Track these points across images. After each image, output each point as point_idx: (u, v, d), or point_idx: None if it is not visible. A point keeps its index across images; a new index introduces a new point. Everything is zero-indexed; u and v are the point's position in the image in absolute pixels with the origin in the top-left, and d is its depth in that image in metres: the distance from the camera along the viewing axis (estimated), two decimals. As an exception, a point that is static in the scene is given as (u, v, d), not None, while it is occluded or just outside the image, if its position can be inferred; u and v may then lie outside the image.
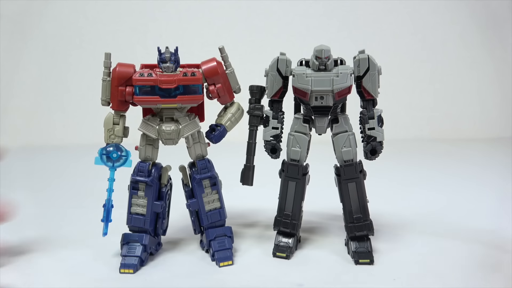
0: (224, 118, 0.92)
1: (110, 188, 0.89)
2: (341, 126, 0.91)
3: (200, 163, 0.91)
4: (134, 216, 0.90)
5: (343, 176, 0.91)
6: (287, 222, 0.93)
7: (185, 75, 0.85)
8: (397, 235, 1.02)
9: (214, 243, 0.90)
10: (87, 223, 1.09)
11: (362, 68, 0.88)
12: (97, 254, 0.94)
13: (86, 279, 0.84)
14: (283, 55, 0.91)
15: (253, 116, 0.93)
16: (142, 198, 0.90)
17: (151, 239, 0.90)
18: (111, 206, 0.90)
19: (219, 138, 0.92)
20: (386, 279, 0.83)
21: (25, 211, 1.23)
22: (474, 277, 0.83)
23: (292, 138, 0.92)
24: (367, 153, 0.90)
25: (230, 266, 0.88)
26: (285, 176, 0.93)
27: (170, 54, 0.84)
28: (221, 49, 0.90)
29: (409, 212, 1.17)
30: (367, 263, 0.88)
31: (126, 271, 0.86)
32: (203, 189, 0.91)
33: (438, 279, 0.83)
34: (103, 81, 0.88)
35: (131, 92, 0.86)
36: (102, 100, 0.89)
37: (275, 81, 0.91)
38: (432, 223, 1.10)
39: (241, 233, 1.04)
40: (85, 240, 1.01)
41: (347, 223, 0.92)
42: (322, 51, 0.85)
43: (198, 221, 0.94)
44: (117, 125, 0.89)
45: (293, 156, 0.92)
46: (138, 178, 0.89)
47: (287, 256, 0.91)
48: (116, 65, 0.87)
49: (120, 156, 0.89)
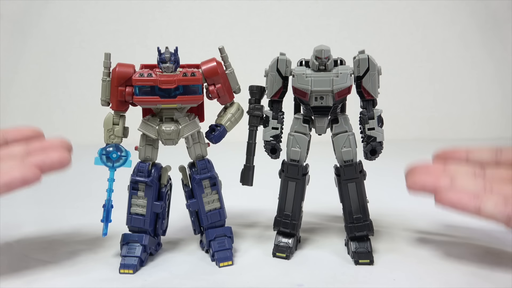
0: (224, 118, 0.92)
1: (110, 189, 0.89)
2: (341, 126, 0.91)
3: (200, 163, 0.91)
4: (133, 216, 0.90)
5: (343, 176, 0.91)
6: (287, 222, 0.93)
7: (185, 75, 0.85)
8: (397, 236, 1.02)
9: (214, 243, 0.90)
10: (86, 223, 1.09)
11: (362, 68, 0.88)
12: (97, 254, 0.94)
13: (86, 279, 0.84)
14: (283, 55, 0.91)
15: (253, 116, 0.93)
16: (142, 198, 0.90)
17: (151, 240, 0.90)
18: (111, 207, 0.89)
19: (219, 138, 0.92)
20: (386, 280, 0.83)
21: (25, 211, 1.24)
22: (474, 277, 0.83)
23: (292, 138, 0.92)
24: (367, 153, 0.90)
25: (230, 267, 0.88)
26: (285, 176, 0.93)
27: (170, 54, 0.84)
28: (221, 49, 0.90)
29: (409, 212, 1.17)
30: (367, 264, 0.88)
31: (125, 272, 0.86)
32: (203, 189, 0.91)
33: (438, 279, 0.83)
34: (103, 81, 0.88)
35: (131, 92, 0.86)
36: (102, 100, 0.89)
37: (275, 81, 0.91)
38: (432, 223, 1.09)
39: (241, 233, 1.04)
40: (85, 240, 1.01)
41: (347, 223, 0.92)
42: (322, 51, 0.85)
43: (198, 221, 0.94)
44: (116, 125, 0.89)
45: (293, 156, 0.92)
46: (138, 178, 0.89)
47: (287, 256, 0.91)
48: (115, 65, 0.87)
49: (120, 156, 0.89)
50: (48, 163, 0.82)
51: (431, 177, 0.86)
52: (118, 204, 0.92)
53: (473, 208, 0.79)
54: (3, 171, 0.79)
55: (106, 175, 0.90)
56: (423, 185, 0.85)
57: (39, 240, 1.01)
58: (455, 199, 0.80)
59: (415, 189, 0.85)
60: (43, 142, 0.89)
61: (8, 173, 0.78)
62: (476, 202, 0.79)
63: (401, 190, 0.96)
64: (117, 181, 0.90)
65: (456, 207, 0.80)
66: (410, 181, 0.86)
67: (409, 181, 0.86)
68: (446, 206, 0.80)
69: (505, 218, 0.77)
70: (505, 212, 0.77)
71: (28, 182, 0.78)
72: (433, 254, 0.93)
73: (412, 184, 0.85)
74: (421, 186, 0.85)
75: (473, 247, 0.96)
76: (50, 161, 0.82)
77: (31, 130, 0.92)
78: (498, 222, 0.78)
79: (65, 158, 0.83)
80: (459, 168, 0.90)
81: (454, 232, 1.04)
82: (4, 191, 0.77)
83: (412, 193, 0.86)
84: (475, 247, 0.96)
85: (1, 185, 0.77)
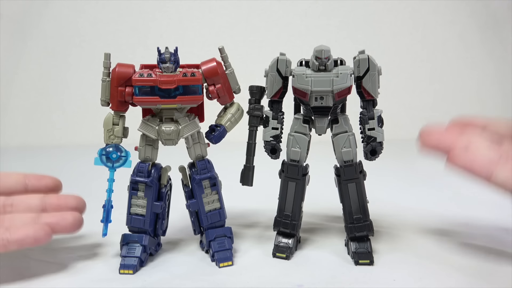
0: (224, 119, 0.92)
1: (110, 189, 0.89)
2: (341, 127, 0.90)
3: (200, 164, 0.91)
4: (133, 216, 0.90)
5: (343, 177, 0.91)
6: (287, 222, 0.93)
7: (184, 76, 0.85)
8: (397, 236, 1.02)
9: (214, 244, 0.90)
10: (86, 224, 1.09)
11: (362, 69, 0.88)
12: (96, 254, 0.94)
13: (86, 279, 0.84)
14: (283, 56, 0.91)
15: (253, 116, 0.93)
16: (142, 198, 0.90)
17: (150, 240, 0.90)
18: (110, 207, 0.90)
19: (219, 138, 0.92)
20: (386, 280, 0.82)
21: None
22: (474, 277, 0.83)
23: (292, 138, 0.92)
24: (367, 154, 0.90)
25: (230, 267, 0.88)
26: (285, 176, 0.92)
27: (170, 54, 0.84)
28: (221, 50, 0.90)
29: (409, 213, 1.17)
30: (367, 264, 0.88)
31: (125, 272, 0.86)
32: (203, 189, 0.91)
33: (438, 279, 0.83)
34: (103, 81, 0.88)
35: (131, 92, 0.86)
36: (102, 101, 0.89)
37: (275, 82, 0.91)
38: (432, 224, 1.09)
39: (241, 234, 1.04)
40: (85, 240, 1.01)
41: (347, 224, 0.92)
42: (322, 51, 0.85)
43: (198, 222, 0.94)
44: (116, 126, 0.89)
45: (293, 157, 0.92)
46: (137, 178, 0.89)
47: (287, 257, 0.91)
48: (115, 66, 0.87)
49: (120, 157, 0.89)
50: (62, 225, 0.86)
51: (447, 135, 0.82)
52: (118, 204, 0.92)
53: (485, 173, 0.76)
54: (17, 226, 0.82)
55: (106, 175, 0.90)
56: (437, 143, 0.81)
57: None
58: (468, 161, 0.77)
59: (428, 146, 0.82)
60: (61, 198, 0.92)
61: (22, 230, 0.80)
62: (489, 168, 0.76)
63: (401, 190, 0.96)
64: (117, 181, 0.90)
65: (468, 169, 0.77)
66: (424, 139, 0.82)
67: (422, 139, 0.82)
68: (458, 167, 0.78)
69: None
70: None
71: (40, 242, 0.81)
72: (433, 255, 0.92)
73: (426, 142, 0.82)
74: (435, 144, 0.81)
75: (473, 248, 0.96)
76: (64, 224, 0.86)
77: (51, 180, 0.95)
78: (507, 191, 0.76)
79: (78, 222, 0.87)
80: (476, 134, 0.86)
81: (454, 232, 1.04)
82: (14, 247, 0.80)
83: (425, 151, 0.82)
84: (475, 248, 0.95)
85: (13, 241, 0.79)
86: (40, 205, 0.90)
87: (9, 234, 0.79)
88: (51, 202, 0.91)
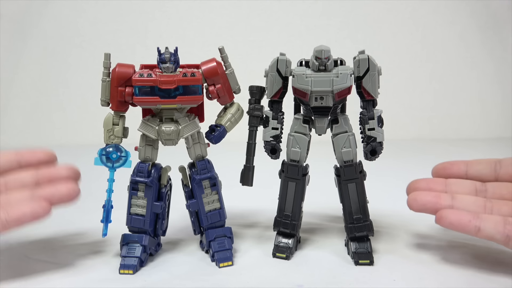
0: (223, 119, 0.92)
1: (110, 189, 0.89)
2: (341, 127, 0.90)
3: (199, 164, 0.91)
4: (133, 216, 0.90)
5: (343, 177, 0.91)
6: (287, 222, 0.93)
7: (184, 76, 0.85)
8: (397, 236, 1.02)
9: (214, 244, 0.90)
10: (86, 224, 1.09)
11: (362, 69, 0.88)
12: (96, 254, 0.94)
13: (86, 279, 0.84)
14: (283, 56, 0.91)
15: (253, 116, 0.92)
16: (142, 198, 0.90)
17: (150, 240, 0.90)
18: (110, 207, 0.89)
19: (219, 138, 0.92)
20: (386, 280, 0.82)
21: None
22: (474, 277, 0.83)
23: (292, 138, 0.92)
24: (367, 154, 0.90)
25: (230, 267, 0.88)
26: (285, 176, 0.92)
27: (170, 54, 0.84)
28: (221, 50, 0.90)
29: (409, 213, 1.17)
30: (367, 264, 0.88)
31: (125, 272, 0.86)
32: (203, 189, 0.91)
33: (438, 280, 0.83)
34: (103, 81, 0.88)
35: (131, 92, 0.86)
36: (102, 101, 0.89)
37: (274, 82, 0.91)
38: (432, 224, 1.09)
39: (241, 234, 1.04)
40: (85, 240, 1.01)
41: (347, 224, 0.92)
42: (322, 51, 0.85)
43: (198, 222, 0.94)
44: (116, 126, 0.89)
45: (293, 157, 0.92)
46: (137, 178, 0.89)
47: (287, 257, 0.91)
48: (115, 66, 0.87)
49: (120, 157, 0.89)
50: (57, 196, 0.83)
51: (432, 196, 0.88)
52: (118, 205, 0.92)
53: (473, 228, 0.81)
54: (13, 204, 0.80)
55: (106, 175, 0.90)
56: (424, 204, 0.87)
57: (39, 240, 1.01)
58: (455, 220, 0.82)
59: (416, 208, 0.88)
60: (52, 170, 0.90)
61: (19, 208, 0.79)
62: (475, 223, 0.81)
63: (401, 190, 0.96)
64: (117, 181, 0.90)
65: (456, 228, 0.82)
66: (411, 199, 0.88)
67: (410, 199, 0.89)
68: (446, 226, 0.83)
69: (504, 238, 0.79)
70: (504, 232, 0.79)
71: (39, 217, 0.80)
72: (433, 255, 0.92)
73: (413, 203, 0.88)
74: (422, 205, 0.87)
75: (473, 248, 0.96)
76: (59, 194, 0.83)
77: (44, 153, 0.93)
78: (497, 242, 0.80)
79: (73, 191, 0.85)
80: (459, 184, 0.92)
81: (454, 232, 1.04)
82: (14, 226, 0.79)
83: (414, 211, 0.88)
84: (475, 248, 0.95)
85: (11, 220, 0.78)
86: (33, 180, 0.87)
87: (7, 213, 0.78)
88: (44, 175, 0.88)
